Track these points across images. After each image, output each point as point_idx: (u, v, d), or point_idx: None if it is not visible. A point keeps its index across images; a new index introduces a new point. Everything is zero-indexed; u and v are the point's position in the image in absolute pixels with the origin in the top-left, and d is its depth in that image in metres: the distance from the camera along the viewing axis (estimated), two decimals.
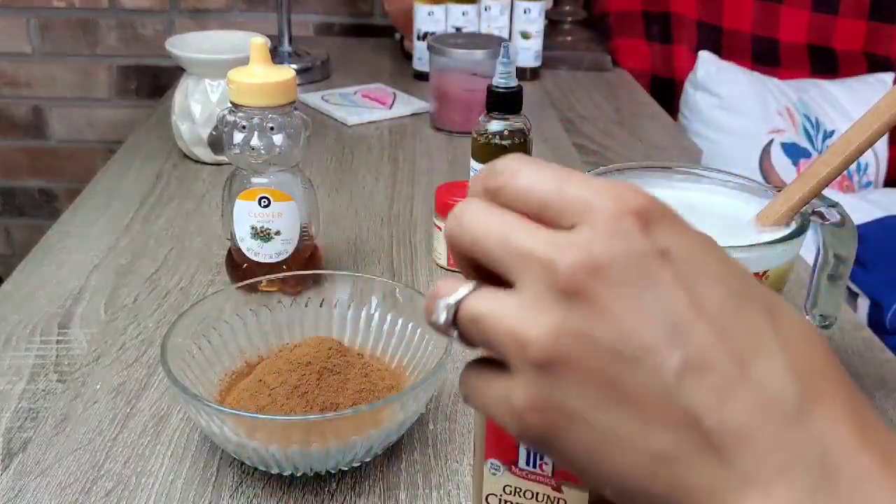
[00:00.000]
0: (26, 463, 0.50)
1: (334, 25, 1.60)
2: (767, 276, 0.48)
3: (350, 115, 1.11)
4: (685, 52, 1.54)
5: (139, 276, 0.72)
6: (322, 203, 0.73)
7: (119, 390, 0.57)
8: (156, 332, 0.63)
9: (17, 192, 1.70)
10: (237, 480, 0.50)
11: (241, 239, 0.66)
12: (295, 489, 0.49)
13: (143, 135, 1.04)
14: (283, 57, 1.28)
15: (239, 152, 0.63)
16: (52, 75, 1.61)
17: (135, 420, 0.54)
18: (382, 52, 1.44)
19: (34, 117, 1.64)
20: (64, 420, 0.54)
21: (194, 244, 0.77)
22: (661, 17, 1.53)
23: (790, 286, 0.70)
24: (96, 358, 0.61)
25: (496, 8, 1.25)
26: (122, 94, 1.63)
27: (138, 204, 0.85)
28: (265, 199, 0.64)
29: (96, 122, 1.65)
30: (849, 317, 0.69)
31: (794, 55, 1.53)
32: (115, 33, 1.58)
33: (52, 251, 0.75)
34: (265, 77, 0.62)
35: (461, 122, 1.06)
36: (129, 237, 0.78)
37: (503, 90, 0.68)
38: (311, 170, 0.94)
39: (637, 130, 1.12)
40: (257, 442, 0.46)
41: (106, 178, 0.91)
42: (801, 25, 1.51)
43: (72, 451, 0.52)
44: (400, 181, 0.92)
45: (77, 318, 0.65)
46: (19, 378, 0.58)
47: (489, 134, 0.68)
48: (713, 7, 1.52)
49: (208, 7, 1.57)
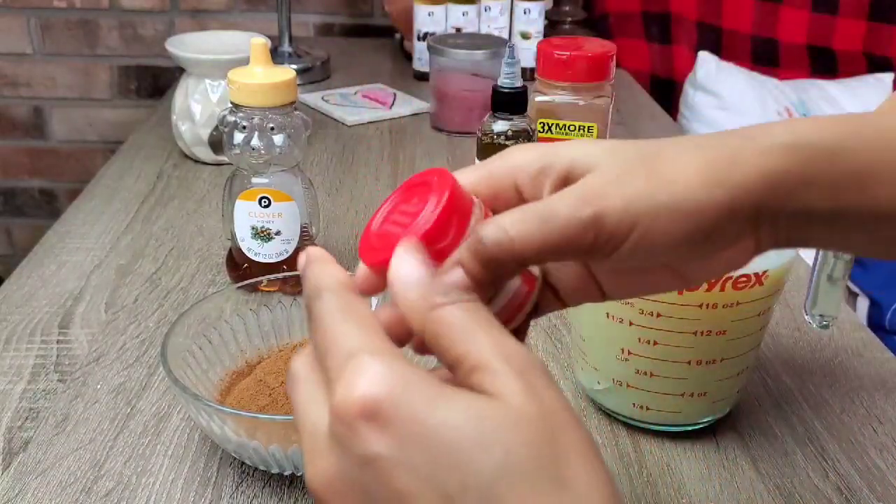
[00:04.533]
0: (27, 463, 0.50)
1: (334, 26, 1.60)
2: (767, 277, 0.49)
3: (350, 115, 1.11)
4: (685, 53, 1.54)
5: (140, 276, 0.72)
6: (322, 203, 0.73)
7: (119, 390, 0.57)
8: (156, 332, 0.64)
9: (18, 192, 1.70)
10: (237, 480, 0.50)
11: (241, 239, 0.66)
12: (295, 489, 0.49)
13: (143, 135, 1.04)
14: (283, 57, 1.28)
15: (239, 152, 0.64)
16: (53, 75, 1.61)
17: (135, 420, 0.54)
18: (382, 52, 1.44)
19: (34, 117, 1.64)
20: (64, 420, 0.54)
21: (195, 244, 0.77)
22: (660, 18, 1.53)
23: (789, 286, 0.70)
24: (97, 358, 0.61)
25: (496, 8, 1.25)
26: (123, 94, 1.63)
27: (139, 204, 0.85)
28: (265, 200, 0.64)
29: (97, 123, 1.65)
30: (848, 316, 0.69)
31: (793, 55, 1.53)
32: (116, 33, 1.58)
33: (53, 251, 0.76)
34: (265, 77, 0.62)
35: (461, 122, 1.06)
36: (129, 237, 0.78)
37: (508, 90, 0.68)
38: (311, 170, 0.94)
39: (637, 130, 1.12)
40: (258, 442, 0.46)
41: (106, 179, 0.91)
42: (800, 26, 1.51)
43: (72, 451, 0.52)
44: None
45: (77, 318, 0.65)
46: (20, 378, 0.58)
47: (494, 134, 0.69)
48: (713, 7, 1.52)
49: (208, 7, 1.57)
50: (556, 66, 0.74)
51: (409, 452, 0.24)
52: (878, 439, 0.55)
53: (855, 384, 0.60)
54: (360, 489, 0.24)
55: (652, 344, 0.50)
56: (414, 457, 0.23)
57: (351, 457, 0.24)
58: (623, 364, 0.52)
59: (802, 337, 0.66)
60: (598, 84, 0.75)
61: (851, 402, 0.58)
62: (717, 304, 0.48)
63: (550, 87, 0.75)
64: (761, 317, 0.51)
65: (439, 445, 0.23)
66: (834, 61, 1.53)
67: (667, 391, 0.52)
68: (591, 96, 0.75)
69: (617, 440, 0.54)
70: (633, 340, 0.50)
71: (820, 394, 0.59)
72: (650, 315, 0.49)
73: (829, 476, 0.52)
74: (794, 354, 0.64)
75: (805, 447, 0.54)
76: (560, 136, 0.76)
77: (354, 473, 0.24)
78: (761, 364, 0.62)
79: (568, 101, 0.75)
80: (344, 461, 0.25)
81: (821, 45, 1.52)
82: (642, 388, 0.52)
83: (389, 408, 0.24)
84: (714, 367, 0.51)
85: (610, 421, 0.56)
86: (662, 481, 0.51)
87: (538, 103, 0.75)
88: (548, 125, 0.76)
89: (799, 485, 0.51)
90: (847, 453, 0.53)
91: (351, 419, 0.24)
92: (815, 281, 0.56)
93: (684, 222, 0.29)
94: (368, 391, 0.24)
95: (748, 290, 0.48)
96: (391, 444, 0.24)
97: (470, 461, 0.23)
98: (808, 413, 0.57)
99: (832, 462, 0.53)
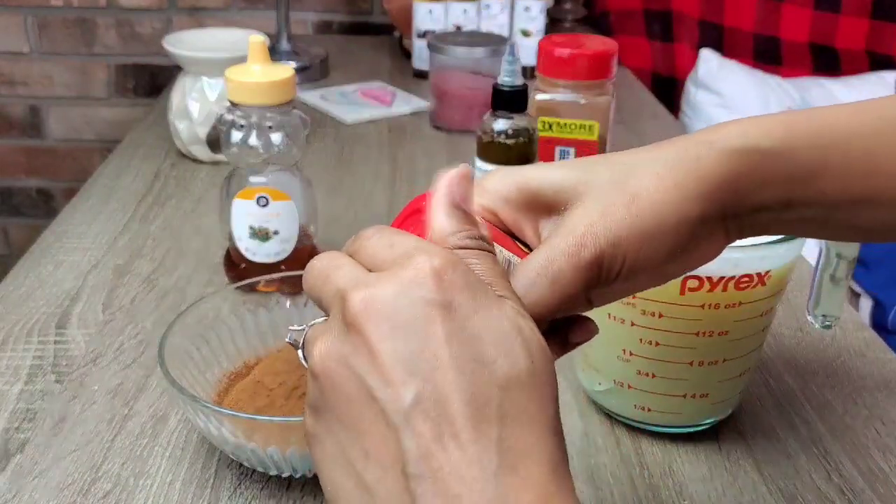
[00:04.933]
0: (24, 464, 0.50)
1: (333, 23, 1.60)
2: (769, 277, 0.48)
3: (349, 114, 1.10)
4: (686, 51, 1.53)
5: (137, 276, 0.71)
6: (321, 202, 0.73)
7: (117, 391, 0.57)
8: (154, 333, 0.63)
9: (15, 191, 1.70)
10: (235, 482, 0.49)
11: (239, 238, 0.65)
12: (293, 491, 0.49)
13: (140, 134, 1.04)
14: (281, 55, 1.27)
15: (237, 151, 0.63)
16: (50, 74, 1.60)
17: (133, 421, 0.54)
18: (382, 50, 1.44)
19: (31, 116, 1.64)
20: (62, 421, 0.54)
21: (192, 244, 0.77)
22: (662, 16, 1.53)
23: (792, 286, 0.69)
24: (94, 359, 0.60)
25: (496, 6, 1.24)
26: (120, 92, 1.62)
27: (136, 203, 0.85)
28: (263, 199, 0.64)
29: (94, 121, 1.64)
30: (851, 317, 0.68)
31: (795, 53, 1.53)
32: (113, 32, 1.57)
33: (50, 251, 0.75)
34: (263, 75, 0.62)
35: (461, 120, 1.05)
36: (126, 237, 0.78)
37: (508, 88, 0.68)
38: (309, 169, 0.93)
39: (638, 129, 1.12)
40: (256, 443, 0.46)
41: (103, 178, 0.91)
42: (803, 24, 1.51)
43: (69, 453, 0.51)
44: (399, 180, 0.92)
45: (74, 319, 0.65)
46: (17, 379, 0.58)
47: (494, 132, 0.68)
48: (715, 5, 1.51)
49: (206, 5, 1.56)
50: (557, 63, 0.74)
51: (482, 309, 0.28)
52: (882, 441, 0.55)
53: (858, 385, 0.60)
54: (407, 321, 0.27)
55: (653, 344, 0.50)
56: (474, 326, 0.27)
57: (419, 297, 0.27)
58: (624, 365, 0.51)
59: (805, 337, 0.65)
60: (600, 82, 0.75)
61: (854, 403, 0.58)
62: (720, 304, 0.48)
63: (551, 85, 0.75)
64: (764, 317, 0.51)
65: (494, 328, 0.28)
66: (836, 59, 1.53)
67: (668, 392, 0.51)
68: (593, 94, 0.75)
69: (618, 441, 0.54)
70: (634, 341, 0.50)
71: (823, 395, 0.59)
72: (652, 315, 0.48)
73: (832, 478, 0.51)
74: (796, 355, 0.63)
75: (808, 449, 0.53)
76: (561, 134, 0.75)
77: (412, 307, 0.27)
78: (763, 365, 0.62)
79: (569, 100, 0.75)
80: (410, 296, 0.27)
81: (823, 43, 1.52)
82: (644, 389, 0.52)
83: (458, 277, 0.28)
84: (716, 368, 0.51)
85: (611, 422, 0.55)
86: (664, 483, 0.50)
87: (539, 101, 0.75)
88: (548, 123, 0.75)
89: (802, 487, 0.50)
90: (850, 455, 0.53)
91: (431, 272, 0.27)
92: (818, 281, 0.56)
93: (666, 241, 0.33)
94: (445, 261, 0.28)
95: (750, 291, 0.48)
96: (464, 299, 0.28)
97: (503, 353, 0.27)
98: (810, 414, 0.57)
99: (835, 464, 0.52)
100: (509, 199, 0.35)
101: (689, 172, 0.33)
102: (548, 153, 0.76)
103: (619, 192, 0.33)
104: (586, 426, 0.55)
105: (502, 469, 0.26)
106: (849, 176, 0.34)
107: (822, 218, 0.36)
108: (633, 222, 0.32)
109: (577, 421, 0.55)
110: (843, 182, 0.34)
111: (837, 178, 0.34)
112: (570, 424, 0.55)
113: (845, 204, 0.35)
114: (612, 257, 0.32)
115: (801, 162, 0.34)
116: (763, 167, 0.34)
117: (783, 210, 0.35)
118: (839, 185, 0.34)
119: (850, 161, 0.34)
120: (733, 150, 0.34)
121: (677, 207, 0.33)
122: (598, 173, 0.34)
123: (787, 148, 0.34)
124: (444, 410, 0.26)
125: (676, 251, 0.33)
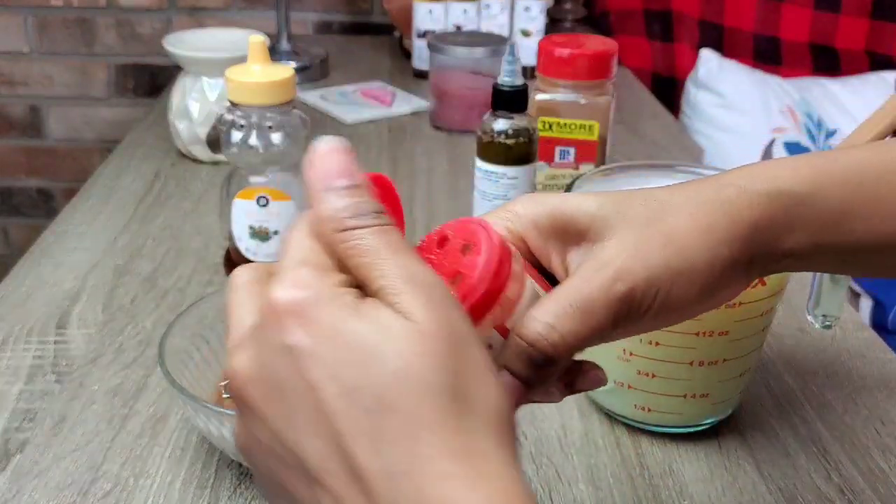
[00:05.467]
0: (24, 464, 0.50)
1: (333, 23, 1.60)
2: (769, 277, 0.48)
3: (349, 114, 1.10)
4: (686, 51, 1.53)
5: (137, 276, 0.71)
6: None
7: (117, 391, 0.57)
8: (154, 333, 0.63)
9: (15, 191, 1.70)
10: (235, 482, 0.49)
11: (239, 238, 0.65)
12: None
13: (140, 134, 1.04)
14: (281, 55, 1.27)
15: (237, 151, 0.63)
16: (50, 74, 1.60)
17: (133, 421, 0.54)
18: (382, 50, 1.44)
19: (31, 116, 1.64)
20: (62, 421, 0.54)
21: (192, 244, 0.77)
22: (662, 16, 1.53)
23: (792, 286, 0.69)
24: (94, 358, 0.60)
25: (496, 6, 1.24)
26: (120, 92, 1.62)
27: (136, 203, 0.85)
28: (263, 199, 0.64)
29: (94, 122, 1.64)
30: (851, 317, 0.68)
31: (796, 53, 1.53)
32: (113, 32, 1.57)
33: (50, 251, 0.75)
34: (264, 75, 0.62)
35: (461, 120, 1.05)
36: (126, 237, 0.78)
37: (508, 88, 0.67)
38: None
39: (638, 129, 1.12)
40: None
41: (103, 178, 0.91)
42: (803, 24, 1.51)
43: (69, 453, 0.51)
44: (399, 180, 0.92)
45: (74, 319, 0.65)
46: (17, 379, 0.58)
47: (494, 132, 0.68)
48: (715, 5, 1.51)
49: (206, 5, 1.56)
50: (558, 63, 0.74)
51: (321, 348, 0.26)
52: (882, 441, 0.55)
53: (858, 385, 0.60)
54: (274, 377, 0.27)
55: (654, 345, 0.50)
56: (325, 353, 0.26)
57: (272, 346, 0.27)
58: (625, 365, 0.51)
59: (805, 337, 0.65)
60: (600, 82, 0.75)
61: (854, 403, 0.58)
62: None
63: (551, 85, 0.75)
64: (764, 317, 0.51)
65: (347, 347, 0.26)
66: (836, 59, 1.53)
67: (668, 392, 0.51)
68: (593, 94, 0.75)
69: (618, 441, 0.54)
70: (634, 341, 0.50)
71: (823, 395, 0.59)
72: None
73: (832, 478, 0.51)
74: (796, 355, 0.63)
75: (808, 449, 0.53)
76: (561, 134, 0.75)
77: (272, 362, 0.27)
78: (764, 365, 0.62)
79: (569, 100, 0.75)
80: (264, 350, 0.27)
81: (823, 43, 1.52)
82: (644, 389, 0.52)
83: (313, 309, 0.27)
84: (716, 368, 0.51)
85: (611, 422, 0.55)
86: (664, 483, 0.50)
87: (539, 101, 0.75)
88: (548, 123, 0.75)
89: (801, 487, 0.50)
90: (850, 455, 0.53)
91: (280, 311, 0.27)
92: (818, 281, 0.56)
93: (698, 282, 0.33)
94: (299, 294, 0.27)
95: (750, 291, 0.48)
96: (308, 338, 0.26)
97: (369, 365, 0.26)
98: (810, 414, 0.57)
99: (835, 464, 0.52)
100: (539, 224, 0.34)
101: (722, 215, 0.33)
102: (548, 153, 0.76)
103: (655, 230, 0.33)
104: (586, 426, 0.55)
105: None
106: (877, 217, 0.35)
107: (848, 260, 0.36)
108: (668, 261, 0.33)
109: (577, 421, 0.55)
110: (871, 223, 0.35)
111: (866, 219, 0.35)
112: (570, 424, 0.55)
113: (871, 245, 0.35)
114: (644, 293, 0.32)
115: (830, 204, 0.34)
116: (790, 210, 0.34)
117: (810, 254, 0.35)
118: (866, 227, 0.35)
119: (879, 201, 0.35)
120: (763, 194, 0.34)
121: (710, 249, 0.33)
122: (634, 208, 0.34)
123: (818, 189, 0.34)
124: (345, 455, 0.26)
125: (706, 292, 0.34)
